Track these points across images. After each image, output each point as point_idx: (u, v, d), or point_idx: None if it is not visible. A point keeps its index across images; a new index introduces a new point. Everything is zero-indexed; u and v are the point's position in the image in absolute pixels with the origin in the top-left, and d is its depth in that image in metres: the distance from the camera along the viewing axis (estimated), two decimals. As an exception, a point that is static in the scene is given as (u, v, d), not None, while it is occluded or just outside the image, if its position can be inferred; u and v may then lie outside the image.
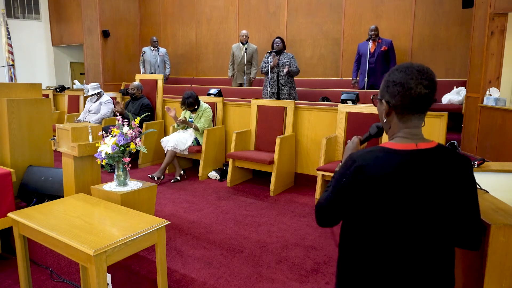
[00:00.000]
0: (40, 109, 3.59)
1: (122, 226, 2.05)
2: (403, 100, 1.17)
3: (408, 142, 1.18)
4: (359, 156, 1.18)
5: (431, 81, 1.16)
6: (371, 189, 1.14)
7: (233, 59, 6.96)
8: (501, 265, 1.34)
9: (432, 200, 1.14)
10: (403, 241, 1.15)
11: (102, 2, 8.82)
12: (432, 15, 6.25)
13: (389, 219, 1.15)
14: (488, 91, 4.83)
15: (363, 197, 1.15)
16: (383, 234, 1.16)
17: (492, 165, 2.12)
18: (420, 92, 1.14)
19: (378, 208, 1.15)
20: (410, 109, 1.18)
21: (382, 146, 1.21)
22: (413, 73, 1.16)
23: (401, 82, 1.17)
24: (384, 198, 1.14)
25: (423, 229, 1.15)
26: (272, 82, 5.44)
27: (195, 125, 4.72)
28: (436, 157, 1.16)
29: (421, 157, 1.16)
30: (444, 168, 1.15)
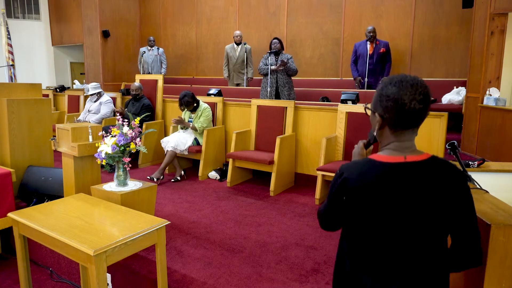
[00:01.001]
0: (40, 109, 3.59)
1: (122, 226, 2.05)
2: (397, 115, 1.15)
3: (397, 154, 1.17)
4: (346, 168, 1.21)
5: (425, 95, 1.13)
6: (355, 200, 1.16)
7: (228, 60, 6.96)
8: (501, 265, 1.34)
9: (419, 212, 1.12)
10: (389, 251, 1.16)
11: (102, 2, 8.82)
12: (432, 15, 6.26)
13: (374, 229, 1.16)
14: (488, 91, 4.83)
15: (350, 207, 1.18)
16: (371, 243, 1.18)
17: (492, 165, 2.12)
18: (414, 108, 1.12)
19: (364, 218, 1.17)
20: (403, 124, 1.16)
21: (370, 158, 1.21)
22: (407, 88, 1.13)
23: (394, 97, 1.14)
24: (369, 209, 1.15)
25: (408, 241, 1.14)
26: (272, 83, 5.44)
27: (192, 125, 4.72)
28: (425, 170, 1.14)
29: (408, 170, 1.14)
30: (433, 181, 1.13)
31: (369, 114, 1.29)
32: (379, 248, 1.16)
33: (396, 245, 1.15)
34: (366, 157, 1.23)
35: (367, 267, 1.19)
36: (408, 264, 1.15)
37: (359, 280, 1.20)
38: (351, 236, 1.23)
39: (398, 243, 1.14)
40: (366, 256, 1.19)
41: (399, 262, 1.15)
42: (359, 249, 1.21)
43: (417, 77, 1.17)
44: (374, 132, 1.26)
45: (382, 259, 1.17)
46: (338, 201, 1.21)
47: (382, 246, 1.16)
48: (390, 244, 1.15)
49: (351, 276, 1.22)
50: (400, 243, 1.14)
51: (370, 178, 1.15)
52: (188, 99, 4.69)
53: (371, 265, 1.18)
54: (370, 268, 1.18)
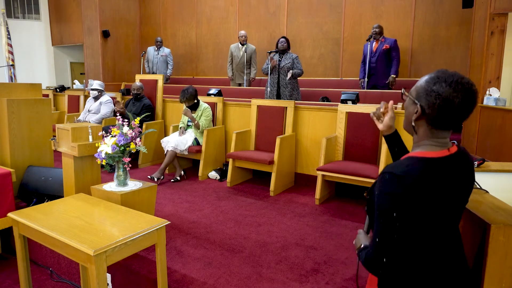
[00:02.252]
0: (40, 109, 3.59)
1: (122, 226, 2.04)
2: (441, 115, 1.12)
3: (440, 149, 1.17)
4: (397, 169, 1.11)
5: (473, 100, 1.11)
6: (418, 199, 1.09)
7: (232, 59, 6.96)
8: (501, 265, 1.34)
9: (463, 200, 1.21)
10: (447, 243, 1.20)
11: (102, 2, 8.82)
12: (432, 15, 6.25)
13: (433, 228, 1.14)
14: (488, 91, 4.83)
15: (413, 209, 1.09)
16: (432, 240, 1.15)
17: (492, 165, 2.12)
18: (462, 112, 1.11)
19: (426, 217, 1.11)
20: (445, 125, 1.15)
21: (414, 156, 1.15)
22: (461, 92, 1.09)
23: (446, 97, 1.10)
24: (430, 205, 1.11)
25: (455, 226, 1.23)
26: (272, 83, 5.42)
27: (197, 122, 4.72)
28: (463, 160, 1.20)
29: (454, 162, 1.18)
30: (468, 169, 1.21)
31: (406, 100, 1.24)
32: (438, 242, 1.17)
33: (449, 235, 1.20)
34: (410, 157, 1.16)
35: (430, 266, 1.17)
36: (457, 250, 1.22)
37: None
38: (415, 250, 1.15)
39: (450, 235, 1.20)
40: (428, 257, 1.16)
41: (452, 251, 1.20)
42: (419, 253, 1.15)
43: (470, 80, 1.13)
44: (412, 123, 1.19)
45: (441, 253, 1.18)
46: (400, 209, 1.09)
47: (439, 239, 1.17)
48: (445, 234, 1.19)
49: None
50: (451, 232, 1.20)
51: (427, 174, 1.10)
52: (192, 92, 4.72)
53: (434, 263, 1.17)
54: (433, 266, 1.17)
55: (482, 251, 1.38)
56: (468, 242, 1.50)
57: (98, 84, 5.92)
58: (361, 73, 6.01)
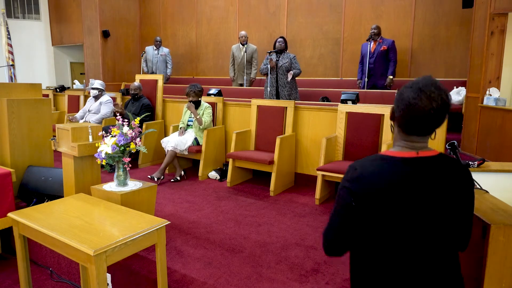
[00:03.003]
0: (40, 109, 3.59)
1: (122, 226, 2.05)
2: (404, 118, 1.15)
3: (409, 150, 1.17)
4: (359, 165, 1.17)
5: (442, 105, 1.10)
6: (372, 197, 1.13)
7: (233, 59, 6.97)
8: (501, 265, 1.34)
9: (431, 207, 1.13)
10: (406, 247, 1.14)
11: (102, 2, 8.82)
12: (432, 15, 6.25)
13: (389, 227, 1.14)
14: (488, 91, 4.83)
15: (366, 205, 1.14)
16: (386, 242, 1.15)
17: (492, 165, 2.12)
18: (425, 116, 1.10)
19: (378, 216, 1.14)
20: (413, 130, 1.15)
21: (381, 154, 1.20)
22: (421, 96, 1.10)
23: (408, 101, 1.12)
24: (383, 205, 1.12)
25: (423, 235, 1.14)
26: (271, 83, 5.43)
27: (199, 118, 4.70)
28: (437, 165, 1.15)
29: (422, 165, 1.14)
30: (444, 177, 1.14)
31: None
32: (393, 244, 1.14)
33: (409, 239, 1.14)
34: (377, 154, 1.21)
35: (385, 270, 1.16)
36: (425, 259, 1.14)
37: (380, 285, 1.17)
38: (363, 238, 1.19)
39: (411, 237, 1.14)
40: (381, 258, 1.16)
41: (416, 259, 1.14)
42: (372, 251, 1.17)
43: (440, 86, 1.12)
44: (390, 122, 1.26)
45: (398, 256, 1.15)
46: (352, 202, 1.15)
47: (395, 241, 1.14)
48: (403, 238, 1.14)
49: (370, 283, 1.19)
50: (413, 237, 1.14)
51: (383, 174, 1.13)
52: (200, 88, 4.76)
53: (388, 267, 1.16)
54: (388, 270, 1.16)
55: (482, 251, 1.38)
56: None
57: (99, 83, 5.93)
58: (359, 74, 6.02)
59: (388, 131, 3.84)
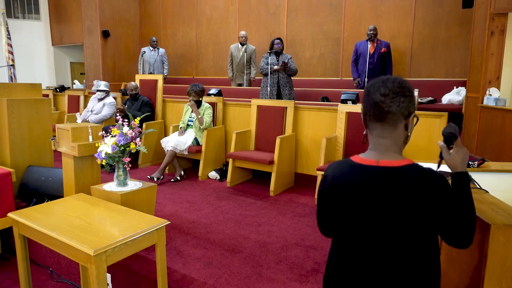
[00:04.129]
0: (40, 109, 3.59)
1: (122, 226, 2.04)
2: (364, 106, 1.22)
3: (372, 157, 1.19)
4: (329, 167, 1.28)
5: (390, 90, 1.15)
6: (333, 198, 1.22)
7: (232, 59, 6.97)
8: (501, 265, 1.34)
9: (382, 214, 1.12)
10: (365, 253, 1.18)
11: (102, 2, 8.82)
12: (432, 15, 6.25)
13: (348, 230, 1.21)
14: (488, 91, 4.83)
15: (330, 206, 1.24)
16: (348, 243, 1.22)
17: (492, 165, 2.12)
18: (375, 99, 1.16)
19: (340, 218, 1.22)
20: (369, 115, 1.20)
21: (350, 158, 1.25)
22: (377, 82, 1.19)
23: (365, 88, 1.22)
24: (341, 209, 1.21)
25: (379, 243, 1.14)
26: (273, 83, 5.44)
27: (200, 117, 4.70)
28: (396, 176, 1.11)
29: (378, 174, 1.14)
30: (400, 189, 1.10)
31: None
32: (355, 249, 1.20)
33: (367, 249, 1.17)
34: (348, 158, 1.26)
35: (348, 268, 1.22)
36: (382, 268, 1.15)
37: (343, 279, 1.24)
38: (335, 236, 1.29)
39: (369, 247, 1.17)
40: (345, 257, 1.23)
41: (374, 265, 1.16)
42: (341, 249, 1.25)
43: (401, 79, 1.19)
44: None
45: (358, 260, 1.19)
46: (322, 200, 1.28)
47: (357, 247, 1.19)
48: (364, 245, 1.18)
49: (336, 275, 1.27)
50: (371, 247, 1.16)
51: (342, 179, 1.20)
52: (202, 88, 4.76)
53: (351, 266, 1.21)
54: (350, 268, 1.21)
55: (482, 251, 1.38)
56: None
57: (104, 85, 5.95)
58: (354, 73, 6.00)
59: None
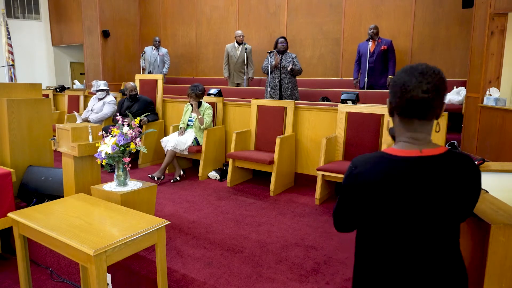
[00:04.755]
0: (40, 109, 3.59)
1: (122, 226, 2.04)
2: (401, 101, 1.13)
3: (412, 148, 1.14)
4: (358, 162, 1.18)
5: (433, 85, 1.10)
6: (367, 195, 1.14)
7: (228, 59, 6.96)
8: (501, 265, 1.34)
9: (432, 208, 1.11)
10: (405, 245, 1.14)
11: (102, 2, 8.82)
12: (432, 15, 6.25)
13: (388, 224, 1.14)
14: (488, 91, 4.83)
15: (363, 202, 1.16)
16: (385, 238, 1.16)
17: (492, 165, 2.12)
18: (417, 96, 1.09)
19: (377, 214, 1.14)
20: (407, 112, 1.14)
21: (384, 151, 1.18)
22: (414, 75, 1.11)
23: (400, 82, 1.13)
24: (382, 205, 1.13)
25: (422, 234, 1.13)
26: (274, 82, 5.43)
27: (201, 117, 4.69)
28: (441, 165, 1.11)
29: (424, 165, 1.11)
30: (447, 177, 1.11)
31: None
32: (394, 244, 1.14)
33: (410, 241, 1.13)
34: (380, 151, 1.19)
35: (385, 265, 1.17)
36: (422, 260, 1.14)
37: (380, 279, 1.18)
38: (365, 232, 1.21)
39: (411, 239, 1.13)
40: (382, 254, 1.17)
41: (413, 258, 1.14)
42: (374, 246, 1.18)
43: (437, 69, 1.13)
44: (388, 125, 1.26)
45: (397, 254, 1.14)
46: (350, 196, 1.18)
47: (396, 242, 1.14)
48: (404, 240, 1.14)
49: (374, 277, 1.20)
50: (413, 239, 1.13)
51: (382, 173, 1.12)
52: (203, 89, 4.75)
53: (388, 263, 1.16)
54: (388, 266, 1.16)
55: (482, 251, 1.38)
56: (468, 242, 1.50)
57: (104, 84, 5.97)
58: (355, 73, 6.01)
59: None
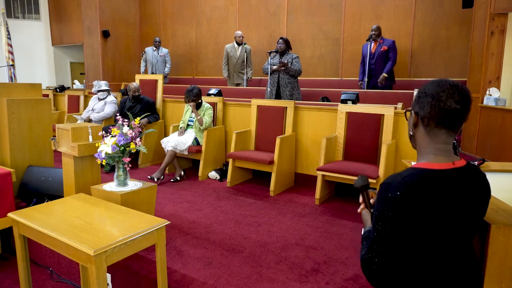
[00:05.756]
0: (40, 109, 3.59)
1: (122, 226, 2.04)
2: (432, 111, 1.15)
3: (445, 160, 1.17)
4: (399, 183, 1.11)
5: (464, 97, 1.14)
6: (418, 214, 1.10)
7: (227, 59, 6.96)
8: (501, 265, 1.34)
9: (466, 218, 1.17)
10: (445, 254, 1.17)
11: (102, 2, 8.82)
12: (432, 15, 6.26)
13: (433, 241, 1.14)
14: (488, 91, 4.83)
15: (413, 223, 1.10)
16: (431, 255, 1.15)
17: (492, 165, 2.12)
18: (450, 106, 1.13)
19: (425, 232, 1.12)
20: (437, 122, 1.16)
21: (418, 167, 1.16)
22: (446, 86, 1.15)
23: (432, 93, 1.15)
24: (429, 221, 1.11)
25: (459, 242, 1.19)
26: (272, 83, 5.43)
27: (200, 117, 4.70)
28: (469, 176, 1.18)
29: (458, 176, 1.16)
30: (476, 187, 1.18)
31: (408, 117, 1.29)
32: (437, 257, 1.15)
33: (449, 250, 1.17)
34: (412, 167, 1.16)
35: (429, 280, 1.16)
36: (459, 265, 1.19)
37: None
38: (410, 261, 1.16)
39: (450, 248, 1.17)
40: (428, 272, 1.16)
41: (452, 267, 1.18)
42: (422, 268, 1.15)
43: (463, 85, 1.18)
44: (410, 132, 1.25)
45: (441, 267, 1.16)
46: (396, 223, 1.10)
47: (439, 254, 1.15)
48: (445, 250, 1.16)
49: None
50: (452, 248, 1.17)
51: (426, 189, 1.10)
52: (197, 92, 4.73)
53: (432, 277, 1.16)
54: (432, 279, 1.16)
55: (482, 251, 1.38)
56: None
57: (105, 84, 5.97)
58: (360, 75, 6.00)
59: (389, 131, 3.84)
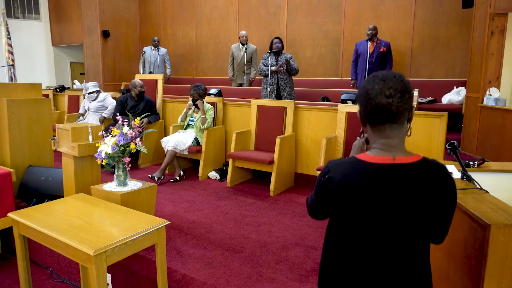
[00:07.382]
0: (40, 109, 3.59)
1: (122, 226, 2.05)
2: (366, 109, 1.14)
3: (385, 155, 1.14)
4: (332, 166, 1.18)
5: (396, 87, 1.10)
6: (338, 200, 1.15)
7: (233, 59, 6.97)
8: (501, 265, 1.34)
9: (403, 215, 1.12)
10: (373, 248, 1.15)
11: (102, 2, 8.82)
12: (432, 15, 6.26)
13: (356, 229, 1.16)
14: (488, 91, 4.83)
15: (334, 203, 1.17)
16: (355, 236, 1.17)
17: (492, 165, 2.12)
18: (380, 102, 1.10)
19: (346, 218, 1.17)
20: (372, 118, 1.15)
21: (357, 157, 1.18)
22: (376, 82, 1.12)
23: (363, 91, 1.15)
24: (351, 210, 1.14)
25: (389, 241, 1.14)
26: (272, 83, 5.44)
27: (205, 116, 4.69)
28: (414, 173, 1.12)
29: (396, 172, 1.12)
30: (421, 185, 1.11)
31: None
32: (360, 247, 1.16)
33: (377, 246, 1.15)
34: (353, 156, 1.19)
35: (348, 265, 1.19)
36: (387, 264, 1.15)
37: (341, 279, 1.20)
38: (335, 233, 1.23)
39: (379, 244, 1.15)
40: (347, 255, 1.19)
41: (378, 262, 1.15)
42: (341, 247, 1.20)
43: (398, 74, 1.14)
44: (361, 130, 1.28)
45: (361, 258, 1.17)
46: (323, 197, 1.20)
47: (363, 246, 1.16)
48: (372, 244, 1.15)
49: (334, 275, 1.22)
50: (381, 244, 1.15)
51: (354, 179, 1.12)
52: (205, 89, 4.75)
53: (351, 263, 1.18)
54: (350, 265, 1.18)
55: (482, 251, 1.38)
56: (468, 242, 1.50)
57: (92, 85, 5.91)
58: (353, 74, 5.98)
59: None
